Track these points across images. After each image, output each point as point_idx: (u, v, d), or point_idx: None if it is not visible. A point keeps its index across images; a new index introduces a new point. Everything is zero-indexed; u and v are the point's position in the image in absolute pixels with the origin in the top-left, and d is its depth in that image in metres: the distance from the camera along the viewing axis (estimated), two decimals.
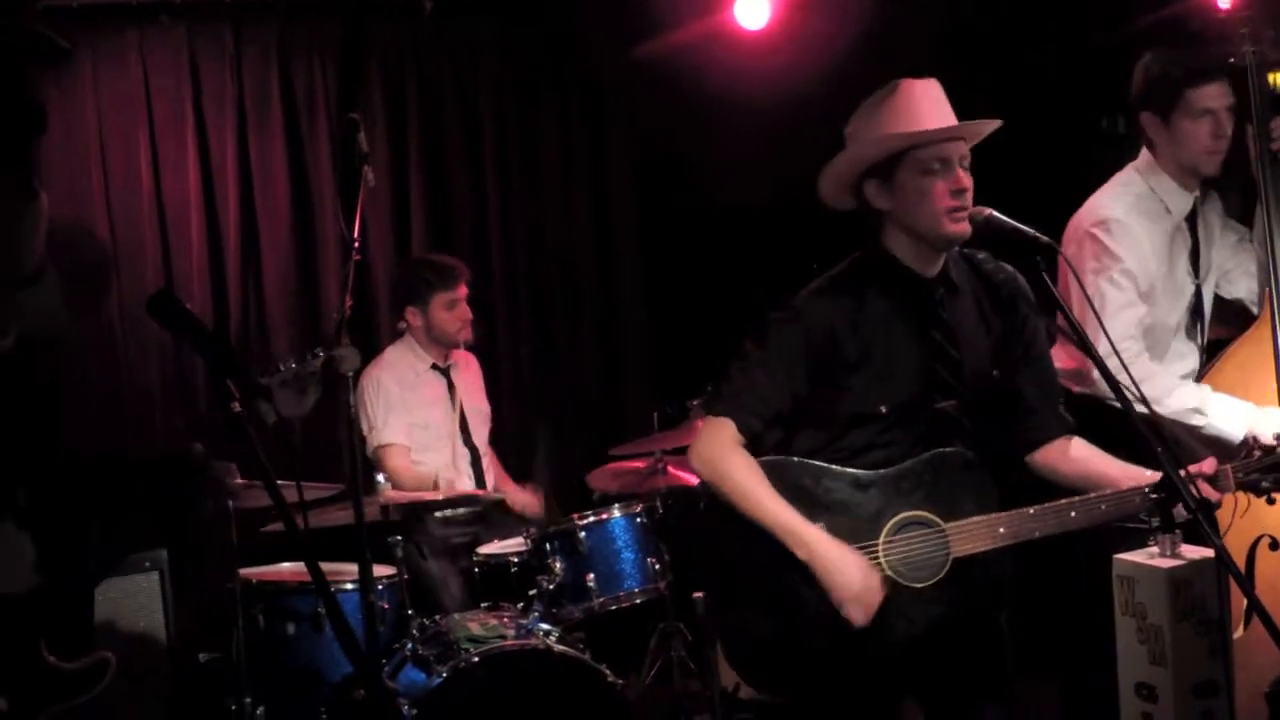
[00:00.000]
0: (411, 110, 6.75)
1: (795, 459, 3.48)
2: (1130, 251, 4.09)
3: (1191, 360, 4.25)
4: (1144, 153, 4.25)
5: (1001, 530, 3.37)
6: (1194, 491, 3.11)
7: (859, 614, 3.30)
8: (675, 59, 6.50)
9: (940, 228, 3.39)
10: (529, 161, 6.98)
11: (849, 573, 3.31)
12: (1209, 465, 3.34)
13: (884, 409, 3.45)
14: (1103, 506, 3.37)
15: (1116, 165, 4.33)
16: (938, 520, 3.40)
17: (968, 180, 3.39)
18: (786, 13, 6.43)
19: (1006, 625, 3.55)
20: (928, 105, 3.42)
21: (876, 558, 3.38)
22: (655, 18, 6.49)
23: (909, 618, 3.36)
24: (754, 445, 3.50)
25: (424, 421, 5.67)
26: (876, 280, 3.51)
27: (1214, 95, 4.11)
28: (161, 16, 6.29)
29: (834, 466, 3.45)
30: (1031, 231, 3.35)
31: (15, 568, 2.89)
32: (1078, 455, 3.61)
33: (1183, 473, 3.14)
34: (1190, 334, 4.25)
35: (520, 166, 6.96)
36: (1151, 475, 3.31)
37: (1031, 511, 3.39)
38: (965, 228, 3.38)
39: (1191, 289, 4.23)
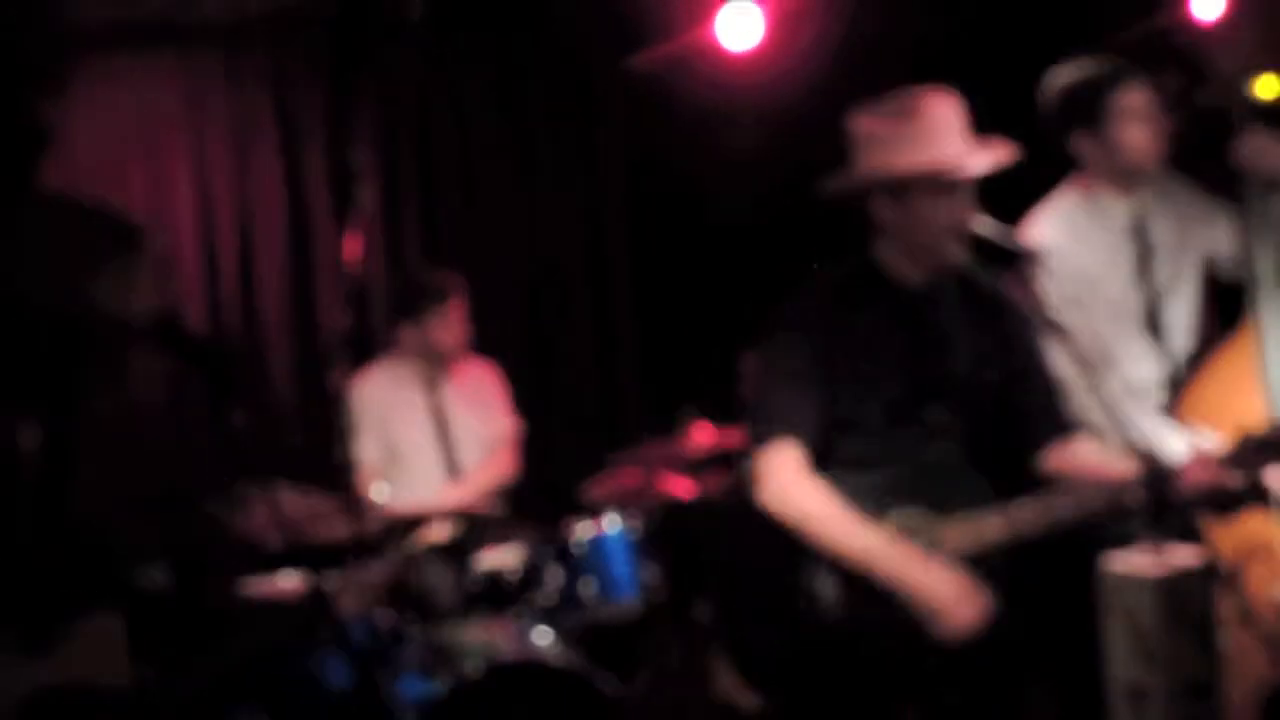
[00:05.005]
0: (404, 125, 6.76)
1: None
2: (1055, 273, 4.07)
3: (1148, 365, 4.17)
4: (1077, 171, 4.24)
5: (994, 527, 3.40)
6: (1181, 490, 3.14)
7: (966, 617, 3.31)
8: (668, 72, 6.53)
9: (941, 249, 3.45)
10: (522, 176, 6.99)
11: (944, 584, 3.34)
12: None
13: (874, 414, 3.49)
14: (1095, 498, 3.39)
15: None
16: (932, 522, 3.43)
17: (972, 204, 3.46)
18: (778, 28, 6.46)
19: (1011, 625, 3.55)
20: (952, 131, 3.44)
21: None
22: (649, 32, 6.52)
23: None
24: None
25: (400, 444, 5.62)
26: (865, 288, 3.56)
27: (1138, 93, 4.09)
28: (154, 40, 6.32)
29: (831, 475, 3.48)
30: (1017, 240, 3.40)
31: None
32: (1082, 454, 3.62)
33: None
34: (1150, 337, 4.18)
35: (513, 181, 6.97)
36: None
37: (1024, 507, 3.41)
38: (963, 250, 3.44)
39: (1145, 293, 4.18)
